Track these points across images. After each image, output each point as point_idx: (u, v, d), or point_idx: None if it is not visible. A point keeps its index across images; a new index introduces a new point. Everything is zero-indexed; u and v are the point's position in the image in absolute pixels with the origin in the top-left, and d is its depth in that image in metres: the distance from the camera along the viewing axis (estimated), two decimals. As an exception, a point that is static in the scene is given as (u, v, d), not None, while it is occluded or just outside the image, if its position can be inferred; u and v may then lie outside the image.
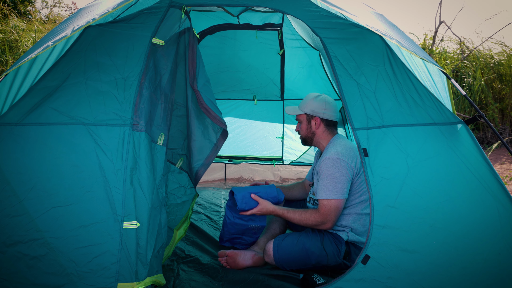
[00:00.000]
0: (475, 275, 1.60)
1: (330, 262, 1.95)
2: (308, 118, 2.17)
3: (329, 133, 2.16)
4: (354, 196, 2.00)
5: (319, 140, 2.17)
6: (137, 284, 1.57)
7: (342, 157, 1.95)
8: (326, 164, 1.96)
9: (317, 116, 2.14)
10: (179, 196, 2.15)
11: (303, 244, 1.98)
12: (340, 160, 1.94)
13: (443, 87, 2.22)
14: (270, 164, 4.07)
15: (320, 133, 2.16)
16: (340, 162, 1.94)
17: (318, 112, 2.13)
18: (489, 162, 1.68)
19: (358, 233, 2.01)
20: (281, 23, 3.34)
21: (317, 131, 2.16)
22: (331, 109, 2.15)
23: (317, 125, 2.14)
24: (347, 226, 2.01)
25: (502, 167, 4.90)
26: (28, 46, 5.60)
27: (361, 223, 2.00)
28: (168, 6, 1.85)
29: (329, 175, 1.93)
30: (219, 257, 2.13)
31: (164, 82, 1.89)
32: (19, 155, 1.59)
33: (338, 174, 1.92)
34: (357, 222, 2.00)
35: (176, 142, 2.17)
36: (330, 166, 1.94)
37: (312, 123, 2.16)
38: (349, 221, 2.01)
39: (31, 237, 1.53)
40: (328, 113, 2.13)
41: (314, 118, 2.15)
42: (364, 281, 1.61)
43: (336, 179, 1.92)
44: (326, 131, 2.15)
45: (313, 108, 2.14)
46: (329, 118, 2.14)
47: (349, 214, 2.01)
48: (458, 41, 6.61)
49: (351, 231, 2.00)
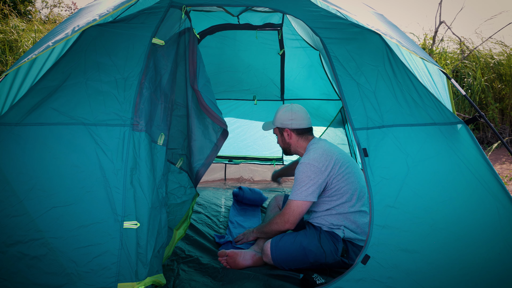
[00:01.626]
0: (475, 275, 1.60)
1: (328, 259, 1.96)
2: (280, 131, 2.26)
3: (304, 140, 2.22)
4: (336, 196, 2.02)
5: (296, 149, 2.25)
6: (137, 284, 1.57)
7: (313, 162, 2.00)
8: (299, 169, 2.03)
9: (286, 128, 2.21)
10: (179, 196, 2.15)
11: (300, 242, 1.99)
12: (310, 165, 1.99)
13: (443, 87, 2.22)
14: (270, 164, 4.07)
15: (295, 142, 2.23)
16: (310, 167, 1.99)
17: (286, 124, 2.21)
18: (489, 162, 1.68)
19: (352, 230, 2.03)
20: (281, 23, 3.34)
21: (291, 141, 2.23)
22: (299, 118, 2.20)
23: (289, 136, 2.22)
24: (340, 225, 2.03)
25: (502, 167, 4.90)
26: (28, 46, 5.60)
27: (352, 221, 2.03)
28: (168, 6, 1.85)
29: (298, 178, 2.01)
30: (219, 257, 2.13)
31: (164, 82, 1.89)
32: (19, 155, 1.59)
33: (305, 178, 1.98)
34: (348, 220, 2.03)
35: (176, 142, 2.17)
36: (300, 170, 2.01)
37: (285, 135, 2.23)
38: (340, 220, 2.04)
39: (31, 237, 1.53)
40: (296, 122, 2.19)
41: (284, 130, 2.22)
42: (364, 281, 1.61)
43: (303, 182, 1.98)
44: (300, 139, 2.22)
45: (281, 121, 2.22)
46: (299, 127, 2.20)
47: (337, 214, 2.04)
48: (458, 41, 6.61)
49: (345, 228, 2.03)
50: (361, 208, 2.03)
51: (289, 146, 2.26)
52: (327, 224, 2.05)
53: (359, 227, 2.02)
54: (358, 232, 2.03)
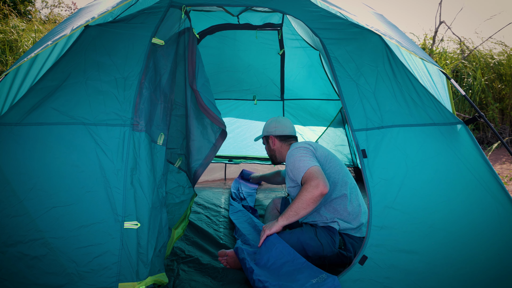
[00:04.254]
0: (473, 275, 1.60)
1: (326, 252, 2.00)
2: (266, 139, 2.49)
3: (287, 145, 2.39)
4: None
5: (281, 155, 2.43)
6: (138, 284, 1.57)
7: (300, 145, 2.15)
8: (287, 158, 2.13)
9: (270, 135, 2.43)
10: (177, 195, 2.16)
11: (297, 237, 2.03)
12: (298, 148, 2.11)
13: (443, 87, 2.22)
14: (270, 164, 4.07)
15: (278, 148, 2.42)
16: (299, 149, 2.10)
17: (270, 131, 2.45)
18: (488, 163, 1.68)
19: (346, 219, 2.06)
20: (281, 23, 3.34)
21: (275, 148, 2.44)
22: (282, 126, 2.43)
23: (273, 142, 2.43)
24: (334, 217, 2.07)
25: (502, 167, 4.90)
26: (28, 46, 5.60)
27: (341, 208, 2.07)
28: (168, 6, 1.85)
29: (293, 160, 2.05)
30: (219, 257, 2.14)
31: (163, 82, 1.90)
32: (19, 155, 1.59)
33: (299, 155, 2.05)
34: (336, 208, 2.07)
35: (175, 141, 2.17)
36: (290, 156, 2.11)
37: (270, 142, 2.45)
38: (331, 211, 2.08)
39: (32, 237, 1.53)
40: (279, 130, 2.42)
41: (269, 137, 2.45)
42: (362, 281, 1.62)
43: (300, 157, 2.03)
44: (283, 145, 2.41)
45: (267, 130, 2.47)
46: (281, 134, 2.41)
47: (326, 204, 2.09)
48: (458, 41, 6.61)
49: (339, 219, 2.06)
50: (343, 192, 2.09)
51: (274, 152, 2.45)
52: (322, 219, 2.09)
53: (349, 214, 2.07)
54: (350, 219, 2.07)
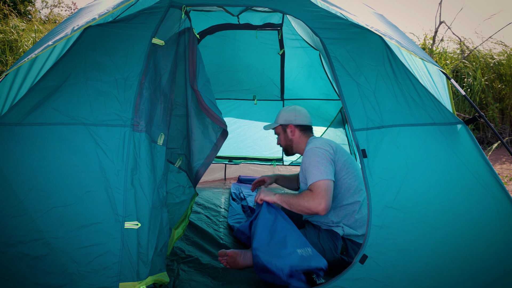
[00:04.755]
0: (473, 275, 1.61)
1: (327, 257, 1.98)
2: (283, 128, 2.34)
3: (306, 136, 2.29)
4: (338, 189, 2.04)
5: (298, 146, 2.31)
6: (139, 284, 1.57)
7: (319, 146, 2.04)
8: (306, 155, 2.03)
9: (290, 124, 2.30)
10: (177, 195, 2.16)
11: None
12: (318, 149, 2.02)
13: (443, 87, 2.22)
14: (270, 165, 4.07)
15: (297, 139, 2.30)
16: (318, 150, 2.01)
17: (290, 120, 2.31)
18: (488, 162, 1.68)
19: (351, 226, 2.04)
20: (281, 23, 3.34)
21: (294, 138, 2.31)
22: (302, 115, 2.31)
23: (293, 132, 2.30)
24: (339, 221, 2.05)
25: (502, 167, 4.91)
26: (28, 46, 5.60)
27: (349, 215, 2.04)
28: (168, 6, 1.85)
29: (310, 162, 1.98)
30: (219, 257, 2.13)
31: (163, 82, 1.90)
32: (19, 155, 1.59)
33: (318, 159, 1.97)
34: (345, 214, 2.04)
35: (175, 141, 2.17)
36: (309, 155, 2.02)
37: (288, 131, 2.31)
38: (338, 216, 2.05)
39: (32, 237, 1.54)
40: (299, 119, 2.30)
41: (288, 126, 2.31)
42: (362, 280, 1.62)
43: (318, 163, 1.96)
44: (302, 136, 2.30)
45: (285, 118, 2.32)
46: (302, 123, 2.30)
47: (336, 208, 2.05)
48: (458, 41, 6.61)
49: (344, 225, 2.04)
50: (356, 199, 2.05)
51: (291, 143, 2.31)
52: (326, 222, 2.07)
53: (356, 221, 2.04)
54: (355, 226, 2.04)
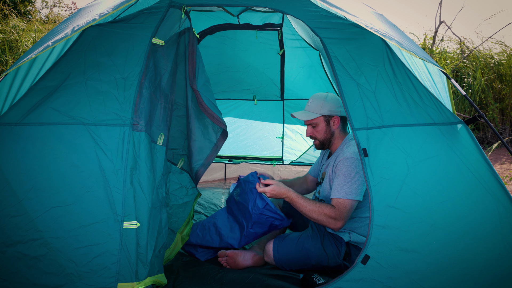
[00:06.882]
0: (475, 275, 1.60)
1: (330, 263, 1.95)
2: (326, 119, 2.10)
3: (345, 131, 2.14)
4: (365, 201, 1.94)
5: (336, 140, 2.12)
6: (137, 284, 1.57)
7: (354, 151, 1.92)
8: (344, 164, 1.91)
9: (336, 115, 2.09)
10: (180, 196, 2.13)
11: (303, 244, 1.98)
12: (354, 159, 1.90)
13: (443, 87, 2.22)
14: (270, 164, 4.07)
15: (338, 132, 2.11)
16: (357, 162, 1.89)
17: (335, 111, 2.08)
18: (489, 162, 1.68)
19: (360, 233, 1.98)
20: (281, 23, 3.34)
21: (336, 131, 2.11)
22: (342, 106, 2.09)
23: (336, 124, 2.09)
24: (348, 229, 2.00)
25: (502, 167, 4.90)
26: (28, 46, 5.60)
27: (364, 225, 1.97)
28: (168, 6, 1.85)
29: (347, 175, 1.88)
30: (219, 257, 2.13)
31: (164, 82, 1.89)
32: (19, 155, 1.59)
33: (356, 175, 1.88)
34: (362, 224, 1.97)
35: (176, 142, 2.16)
36: (348, 165, 1.89)
37: (331, 123, 2.10)
38: (350, 224, 1.99)
39: (31, 237, 1.53)
40: (342, 110, 2.08)
41: (332, 118, 2.09)
42: (364, 281, 1.61)
43: (353, 179, 1.87)
44: (342, 130, 2.12)
45: (330, 108, 2.08)
46: (344, 115, 2.10)
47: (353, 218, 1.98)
48: (458, 41, 6.60)
49: (353, 232, 1.99)
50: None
51: (331, 136, 2.11)
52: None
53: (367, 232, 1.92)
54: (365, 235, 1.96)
